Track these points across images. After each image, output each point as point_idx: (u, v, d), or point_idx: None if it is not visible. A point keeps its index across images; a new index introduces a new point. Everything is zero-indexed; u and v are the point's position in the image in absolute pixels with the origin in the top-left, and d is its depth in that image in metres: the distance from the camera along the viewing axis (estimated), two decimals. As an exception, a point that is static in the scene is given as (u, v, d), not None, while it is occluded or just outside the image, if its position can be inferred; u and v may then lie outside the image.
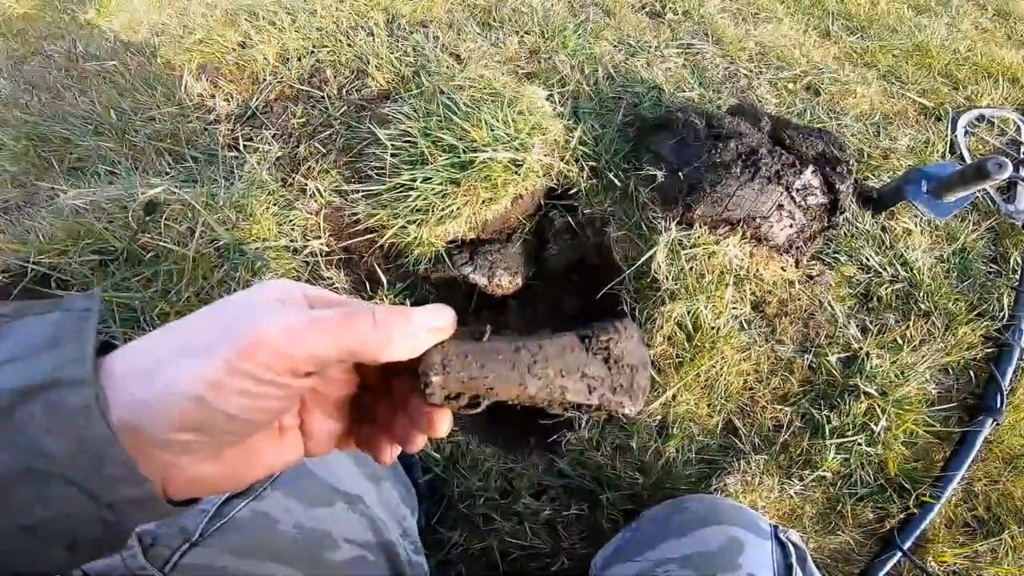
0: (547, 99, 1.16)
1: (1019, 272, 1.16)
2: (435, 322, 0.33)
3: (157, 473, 0.28)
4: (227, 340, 0.27)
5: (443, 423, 0.36)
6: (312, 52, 1.29)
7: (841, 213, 1.00)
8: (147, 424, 0.26)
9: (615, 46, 1.38)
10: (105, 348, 0.29)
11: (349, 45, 1.28)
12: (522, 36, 1.34)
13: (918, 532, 0.93)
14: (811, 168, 0.97)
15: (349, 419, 0.38)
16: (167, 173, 1.11)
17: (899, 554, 0.91)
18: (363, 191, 1.05)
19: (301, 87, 1.24)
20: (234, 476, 0.32)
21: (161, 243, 0.91)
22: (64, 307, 0.28)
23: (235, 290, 0.92)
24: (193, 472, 0.29)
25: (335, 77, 1.24)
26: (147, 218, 0.92)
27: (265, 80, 1.27)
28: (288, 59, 1.29)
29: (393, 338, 0.30)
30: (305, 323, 0.28)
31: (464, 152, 1.00)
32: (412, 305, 1.04)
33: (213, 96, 1.27)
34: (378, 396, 0.38)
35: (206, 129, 1.22)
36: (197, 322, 0.29)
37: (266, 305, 0.29)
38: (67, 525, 0.26)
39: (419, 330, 0.32)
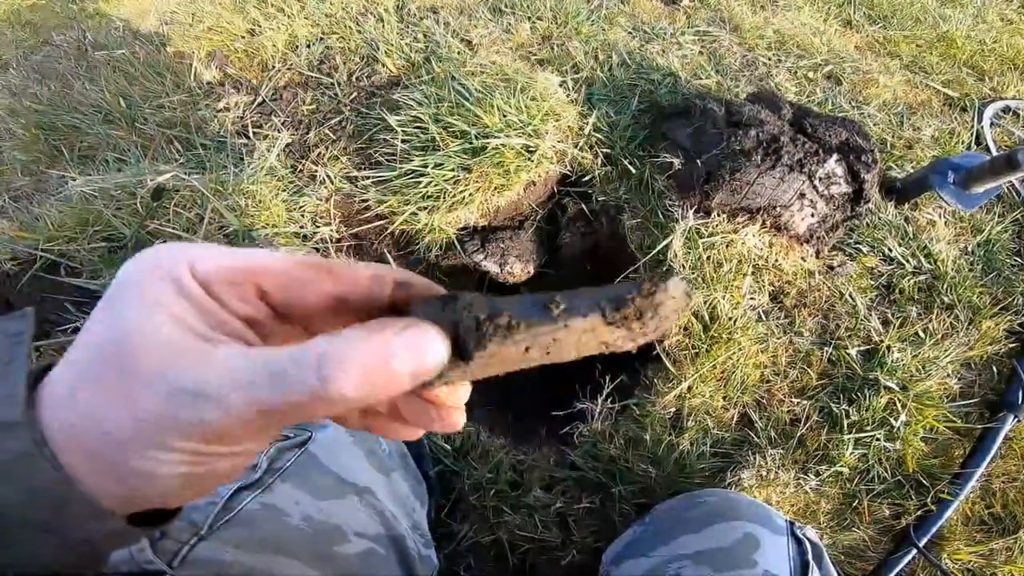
0: (560, 85, 1.14)
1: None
2: (415, 363, 0.23)
3: (127, 486, 0.24)
4: (176, 422, 0.22)
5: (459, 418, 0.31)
6: (321, 39, 1.28)
7: (865, 203, 0.98)
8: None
9: (629, 32, 1.35)
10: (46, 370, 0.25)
11: (359, 31, 1.27)
12: (534, 22, 1.32)
13: (934, 529, 0.92)
14: (835, 156, 0.94)
15: None
16: (176, 160, 1.10)
17: (914, 551, 0.90)
18: (373, 177, 1.03)
19: (311, 74, 1.23)
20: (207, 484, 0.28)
21: (170, 229, 0.91)
22: None
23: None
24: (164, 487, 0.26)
25: (345, 63, 1.23)
26: (155, 204, 0.91)
27: (274, 67, 1.26)
28: (297, 46, 1.27)
29: (371, 392, 0.22)
30: (264, 397, 0.22)
31: (476, 138, 0.98)
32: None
33: (223, 83, 1.26)
34: None
35: (215, 116, 1.21)
36: (121, 384, 0.23)
37: (175, 345, 0.23)
38: (41, 562, 0.24)
39: (397, 377, 0.23)
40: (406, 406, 0.31)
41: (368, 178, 1.04)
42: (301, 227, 1.02)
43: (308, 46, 1.26)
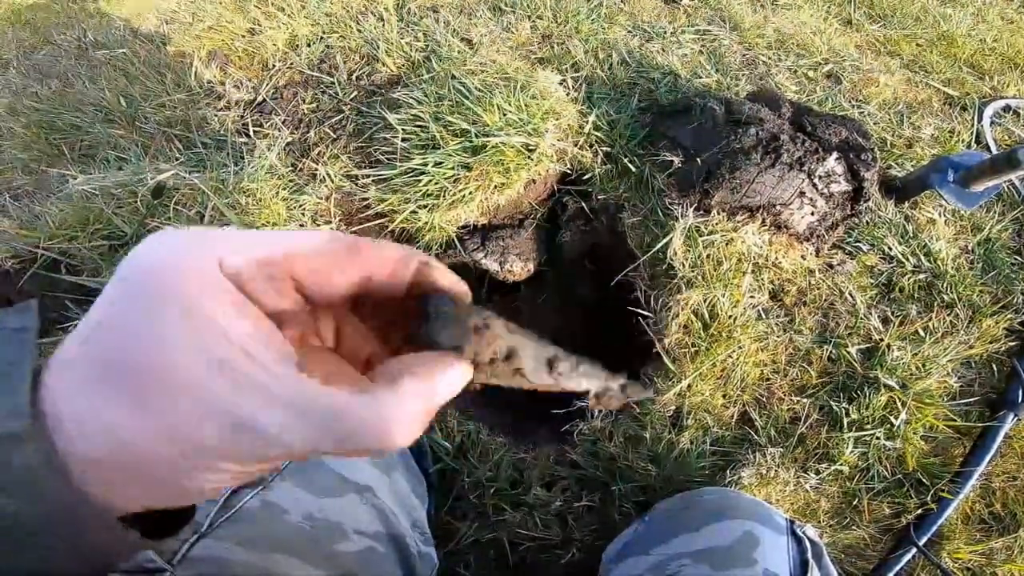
0: (560, 84, 1.14)
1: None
2: (452, 393, 0.27)
3: (159, 499, 0.24)
4: (208, 447, 0.22)
5: None
6: (322, 38, 1.28)
7: (865, 201, 0.97)
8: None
9: (629, 31, 1.35)
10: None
11: (359, 30, 1.27)
12: (534, 21, 1.32)
13: (934, 528, 0.92)
14: (835, 155, 0.94)
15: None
16: (177, 159, 1.10)
17: (914, 550, 0.90)
18: (374, 176, 1.03)
19: (311, 73, 1.23)
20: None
21: (171, 227, 0.91)
22: None
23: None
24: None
25: (345, 62, 1.23)
26: (155, 202, 0.91)
27: (275, 66, 1.26)
28: (298, 45, 1.27)
29: (397, 434, 0.24)
30: (292, 455, 0.23)
31: (476, 136, 0.98)
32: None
33: (223, 83, 1.26)
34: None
35: (216, 115, 1.21)
36: (157, 406, 0.21)
37: (230, 375, 0.21)
38: (53, 571, 0.23)
39: (431, 411, 0.26)
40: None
41: (368, 176, 1.04)
42: (301, 225, 1.02)
43: (308, 45, 1.27)
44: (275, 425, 0.22)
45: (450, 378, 0.26)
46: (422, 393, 0.25)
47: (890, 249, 1.08)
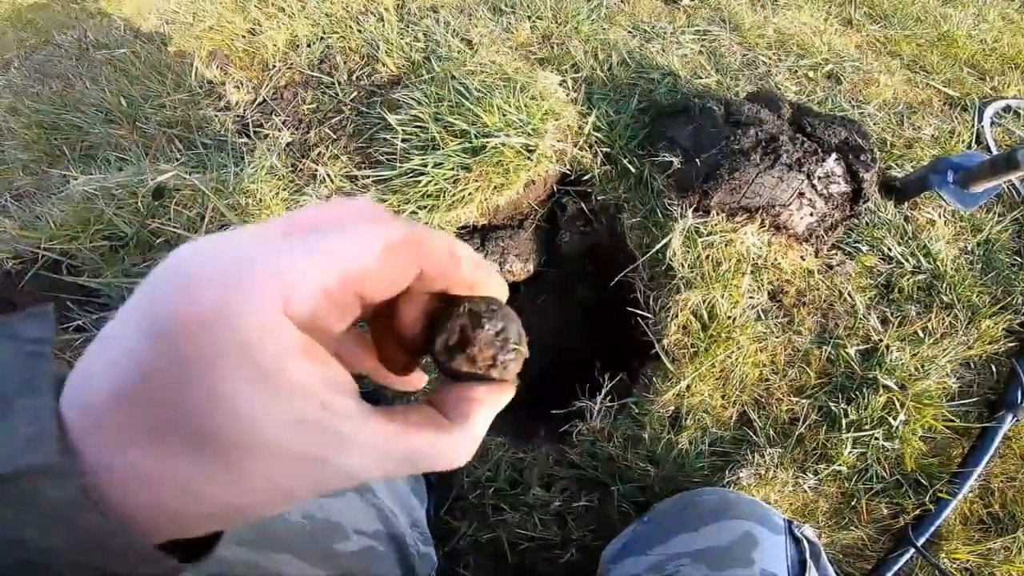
0: (560, 85, 1.14)
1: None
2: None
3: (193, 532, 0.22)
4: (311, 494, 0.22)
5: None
6: (322, 38, 1.28)
7: (864, 202, 0.98)
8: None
9: (629, 32, 1.35)
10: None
11: (359, 31, 1.27)
12: (534, 21, 1.32)
13: (933, 529, 0.91)
14: (834, 156, 0.94)
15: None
16: (177, 159, 1.11)
17: (912, 551, 0.90)
18: (373, 176, 1.03)
19: (311, 73, 1.23)
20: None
21: (171, 228, 0.91)
22: (9, 332, 0.20)
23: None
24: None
25: (345, 63, 1.23)
26: (155, 203, 0.92)
27: (275, 66, 1.26)
28: (298, 45, 1.27)
29: (466, 458, 0.25)
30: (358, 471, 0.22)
31: (476, 137, 0.98)
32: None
33: (223, 83, 1.27)
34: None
35: (216, 116, 1.21)
36: (231, 469, 0.20)
37: (305, 438, 0.20)
38: None
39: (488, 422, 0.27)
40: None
41: (368, 177, 1.04)
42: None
43: (309, 45, 1.27)
44: (356, 467, 0.22)
45: (500, 401, 0.28)
46: (486, 419, 0.27)
47: (889, 250, 1.08)
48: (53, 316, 0.22)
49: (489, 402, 0.27)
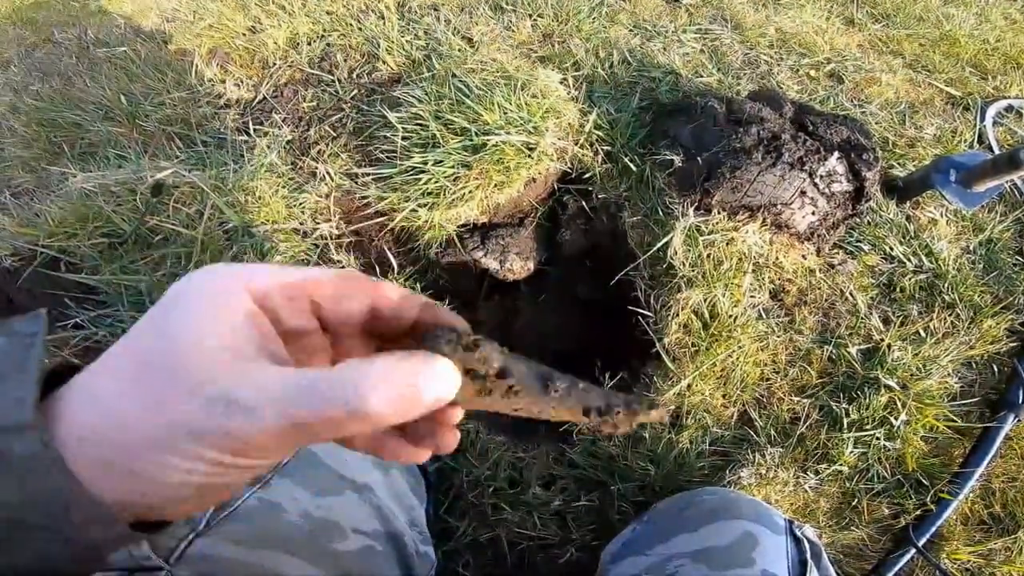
0: (561, 83, 1.14)
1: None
2: (440, 398, 0.26)
3: (138, 491, 0.25)
4: (202, 431, 0.23)
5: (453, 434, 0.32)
6: (322, 36, 1.28)
7: (866, 201, 0.97)
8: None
9: (631, 30, 1.34)
10: (61, 372, 0.26)
11: (359, 28, 1.27)
12: (535, 19, 1.31)
13: (933, 529, 0.91)
14: (836, 155, 0.94)
15: None
16: (177, 157, 1.10)
17: (913, 551, 0.89)
18: (374, 174, 1.03)
19: (311, 71, 1.23)
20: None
21: (170, 225, 0.91)
22: (8, 331, 0.25)
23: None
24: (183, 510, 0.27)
25: (345, 61, 1.23)
26: (154, 200, 0.91)
27: (275, 64, 1.25)
28: (298, 43, 1.27)
29: (383, 415, 0.24)
30: (286, 427, 0.23)
31: (476, 135, 0.98)
32: (423, 291, 1.04)
33: (223, 81, 1.26)
34: None
35: (216, 113, 1.21)
36: (157, 380, 0.24)
37: (219, 360, 0.24)
38: (45, 562, 0.24)
39: (423, 402, 0.26)
40: (416, 425, 0.32)
41: (368, 175, 1.04)
42: (301, 223, 1.02)
43: (309, 43, 1.26)
44: (250, 398, 0.23)
45: (434, 368, 0.26)
46: (403, 369, 0.25)
47: (891, 249, 1.08)
48: (46, 317, 0.26)
49: (400, 354, 0.26)
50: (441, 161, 0.98)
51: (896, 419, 0.93)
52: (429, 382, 0.25)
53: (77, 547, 0.24)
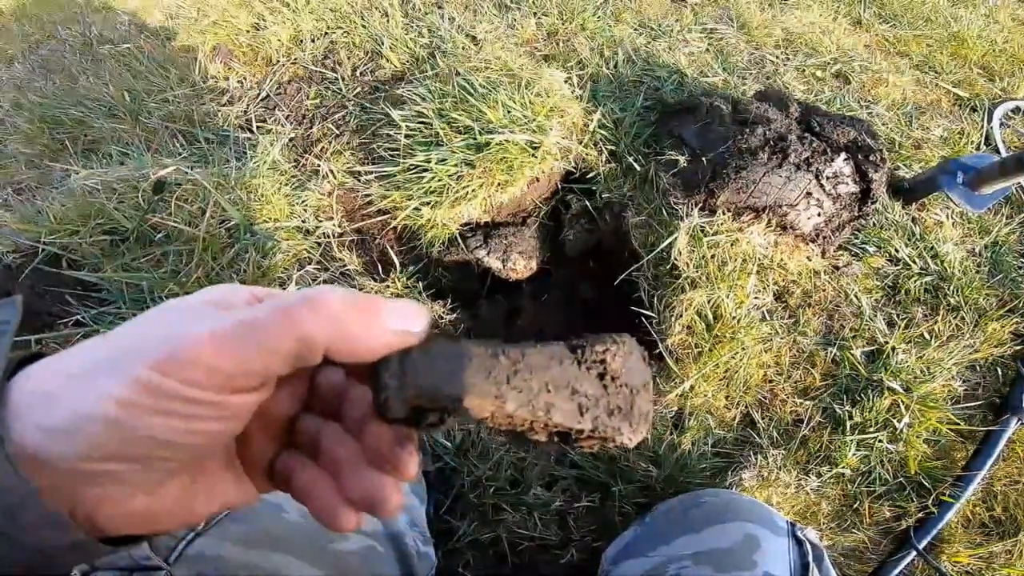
0: (565, 82, 1.13)
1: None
2: (404, 324, 0.25)
3: (87, 509, 0.24)
4: (143, 353, 0.23)
5: (411, 460, 0.28)
6: (326, 34, 1.27)
7: (873, 203, 0.97)
8: (57, 455, 0.22)
9: (636, 29, 1.34)
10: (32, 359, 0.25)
11: (363, 26, 1.26)
12: (540, 18, 1.31)
13: (935, 532, 0.91)
14: (843, 156, 0.93)
15: (280, 445, 0.30)
16: (180, 154, 1.10)
17: (914, 553, 0.89)
18: (376, 172, 1.03)
19: (315, 68, 1.22)
20: (181, 511, 0.27)
21: (172, 223, 0.90)
22: None
23: (245, 271, 0.91)
24: (130, 507, 0.25)
25: (349, 58, 1.22)
26: (156, 197, 0.91)
27: (279, 62, 1.25)
28: (302, 41, 1.27)
29: (347, 335, 0.24)
30: (232, 327, 0.23)
31: (480, 134, 0.98)
32: (425, 289, 1.04)
33: (227, 78, 1.26)
34: (326, 416, 0.30)
35: (219, 111, 1.21)
36: (121, 333, 0.24)
37: (198, 310, 0.24)
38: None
39: (383, 330, 0.25)
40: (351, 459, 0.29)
41: (371, 173, 1.04)
42: (303, 221, 1.02)
43: (313, 41, 1.26)
44: (200, 342, 0.23)
45: (404, 304, 0.26)
46: (340, 293, 0.25)
47: (896, 251, 1.07)
48: (19, 305, 0.26)
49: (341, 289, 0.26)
50: (444, 159, 0.98)
51: (899, 422, 0.92)
52: (391, 305, 0.26)
53: (24, 552, 0.23)
